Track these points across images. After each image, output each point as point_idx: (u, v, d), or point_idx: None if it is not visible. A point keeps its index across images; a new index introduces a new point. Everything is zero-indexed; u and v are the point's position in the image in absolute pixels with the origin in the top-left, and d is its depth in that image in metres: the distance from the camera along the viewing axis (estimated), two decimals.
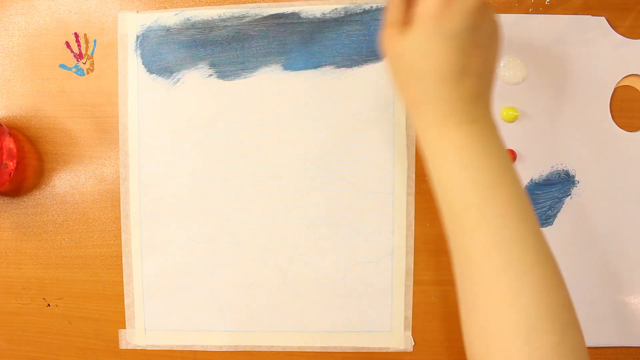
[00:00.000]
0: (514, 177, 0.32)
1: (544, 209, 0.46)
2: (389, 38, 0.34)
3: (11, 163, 0.47)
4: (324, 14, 0.46)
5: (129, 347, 0.49)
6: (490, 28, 0.33)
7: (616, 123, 0.45)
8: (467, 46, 0.32)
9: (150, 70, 0.47)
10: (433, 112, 0.33)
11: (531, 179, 0.46)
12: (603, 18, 0.45)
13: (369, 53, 0.46)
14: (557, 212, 0.46)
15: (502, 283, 0.29)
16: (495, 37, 0.34)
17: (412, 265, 0.47)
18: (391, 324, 0.47)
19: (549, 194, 0.46)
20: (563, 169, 0.46)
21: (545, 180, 0.46)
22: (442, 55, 0.32)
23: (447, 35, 0.31)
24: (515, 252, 0.30)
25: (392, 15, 0.34)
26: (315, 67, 0.46)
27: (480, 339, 0.30)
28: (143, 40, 0.47)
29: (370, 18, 0.46)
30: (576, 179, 0.46)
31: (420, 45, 0.32)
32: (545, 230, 0.46)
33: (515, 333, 0.28)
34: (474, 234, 0.30)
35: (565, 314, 0.29)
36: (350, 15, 0.46)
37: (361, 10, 0.46)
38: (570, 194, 0.46)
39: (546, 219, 0.46)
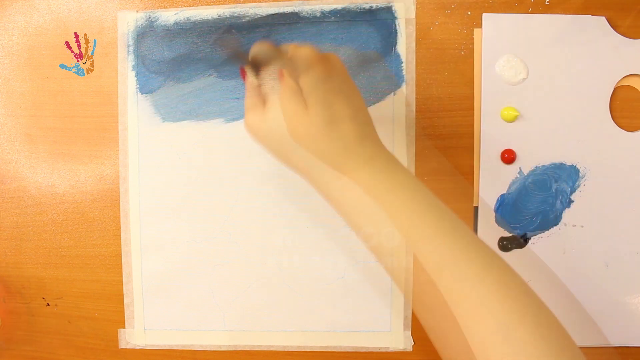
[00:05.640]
0: (431, 197, 0.32)
1: (545, 210, 0.46)
2: (253, 121, 0.34)
3: None
4: (323, 13, 0.46)
5: (128, 347, 0.49)
6: (340, 74, 0.34)
7: (616, 123, 0.45)
8: (323, 97, 0.32)
9: (150, 70, 0.47)
10: (323, 170, 0.33)
11: (530, 179, 0.46)
12: (603, 18, 0.45)
13: (367, 53, 0.46)
14: (557, 213, 0.46)
15: (461, 298, 0.29)
16: (348, 80, 0.35)
17: (412, 265, 0.47)
18: (391, 324, 0.47)
19: (549, 194, 0.46)
20: (563, 167, 0.46)
21: (545, 179, 0.46)
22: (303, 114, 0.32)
23: (300, 96, 0.32)
24: (462, 265, 0.30)
25: (250, 100, 0.35)
26: None
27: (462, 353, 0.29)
28: (143, 39, 0.47)
29: (372, 17, 0.46)
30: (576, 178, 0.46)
31: (280, 114, 0.33)
32: (546, 231, 0.46)
33: (493, 336, 0.28)
34: (414, 267, 0.31)
35: (530, 300, 0.29)
36: (350, 14, 0.46)
37: (360, 10, 0.46)
38: (570, 195, 0.46)
39: (547, 220, 0.46)
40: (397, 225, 0.31)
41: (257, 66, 0.35)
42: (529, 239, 0.46)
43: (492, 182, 0.46)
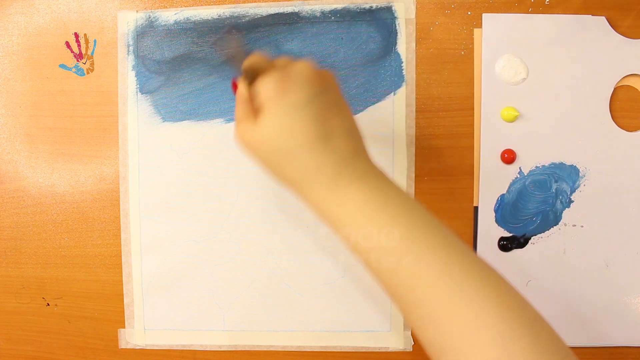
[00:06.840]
0: (424, 212, 0.32)
1: (545, 210, 0.46)
2: (245, 131, 0.34)
3: None
4: (323, 13, 0.46)
5: (128, 347, 0.49)
6: (335, 90, 0.34)
7: (616, 123, 0.45)
8: (320, 111, 0.32)
9: (150, 70, 0.47)
10: (319, 183, 0.33)
11: (530, 179, 0.46)
12: (603, 18, 0.45)
13: (368, 54, 0.46)
14: (557, 213, 0.46)
15: (459, 311, 0.29)
16: (342, 97, 0.35)
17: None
18: (391, 324, 0.47)
19: (549, 194, 0.46)
20: (563, 167, 0.46)
21: (545, 179, 0.46)
22: (300, 127, 0.32)
23: (297, 107, 0.32)
24: (458, 278, 0.29)
25: (241, 111, 0.35)
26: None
27: None
28: (143, 39, 0.47)
29: (372, 17, 0.46)
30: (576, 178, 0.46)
31: (277, 125, 0.32)
32: (546, 231, 0.46)
33: (492, 349, 0.28)
34: (411, 280, 0.30)
35: (527, 313, 0.29)
36: (350, 14, 0.46)
37: (360, 10, 0.46)
38: (570, 195, 0.46)
39: (547, 220, 0.46)
40: (391, 240, 0.31)
41: (250, 77, 0.35)
42: (529, 239, 0.46)
43: (492, 182, 0.46)
